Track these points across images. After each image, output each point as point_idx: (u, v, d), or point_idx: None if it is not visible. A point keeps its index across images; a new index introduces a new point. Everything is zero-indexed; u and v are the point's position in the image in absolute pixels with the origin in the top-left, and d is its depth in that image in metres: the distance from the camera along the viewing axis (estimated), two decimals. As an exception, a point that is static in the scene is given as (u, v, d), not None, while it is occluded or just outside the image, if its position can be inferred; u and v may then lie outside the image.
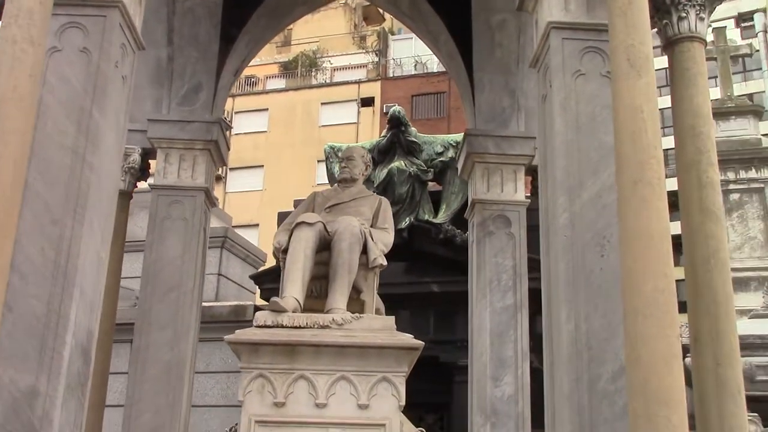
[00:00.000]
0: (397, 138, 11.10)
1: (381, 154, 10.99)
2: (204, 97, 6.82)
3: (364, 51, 34.26)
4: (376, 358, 4.52)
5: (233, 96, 28.40)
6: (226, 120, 7.03)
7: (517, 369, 6.34)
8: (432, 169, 10.88)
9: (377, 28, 34.81)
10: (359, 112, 30.02)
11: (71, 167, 4.00)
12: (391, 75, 31.74)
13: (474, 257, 6.76)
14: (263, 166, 29.51)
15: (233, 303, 10.93)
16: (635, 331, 3.43)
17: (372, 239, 5.21)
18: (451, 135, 11.58)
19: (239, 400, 4.50)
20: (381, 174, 10.67)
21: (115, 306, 6.37)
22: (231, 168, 27.75)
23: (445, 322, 9.57)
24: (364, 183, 5.90)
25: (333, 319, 4.64)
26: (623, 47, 3.87)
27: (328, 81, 32.69)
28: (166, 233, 6.42)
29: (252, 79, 32.99)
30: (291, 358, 4.49)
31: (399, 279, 9.37)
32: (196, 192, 6.57)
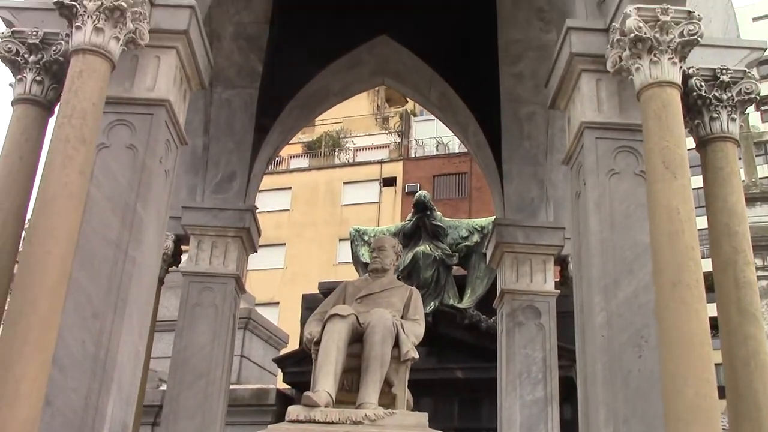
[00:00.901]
0: (423, 222, 11.20)
1: (406, 237, 11.07)
2: (237, 186, 6.96)
3: (386, 132, 34.82)
4: (409, 454, 4.48)
5: (257, 175, 28.74)
6: (256, 207, 7.15)
7: (552, 465, 6.23)
8: (457, 254, 10.93)
9: (400, 109, 35.47)
10: (381, 191, 30.30)
11: (114, 261, 4.07)
12: (413, 155, 32.15)
13: (503, 348, 6.72)
14: (285, 244, 29.69)
15: (255, 386, 10.87)
16: (679, 437, 3.39)
17: (404, 332, 5.22)
18: (476, 219, 11.67)
19: (272, 496, 4.45)
20: (406, 258, 10.71)
21: (144, 391, 6.37)
22: (253, 246, 27.87)
23: (470, 409, 9.46)
24: None
25: (366, 415, 4.62)
26: (658, 149, 3.94)
27: (350, 161, 33.15)
28: (196, 320, 6.46)
29: (276, 159, 33.52)
30: (325, 453, 4.45)
31: (423, 365, 9.30)
32: (227, 279, 6.64)
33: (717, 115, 4.47)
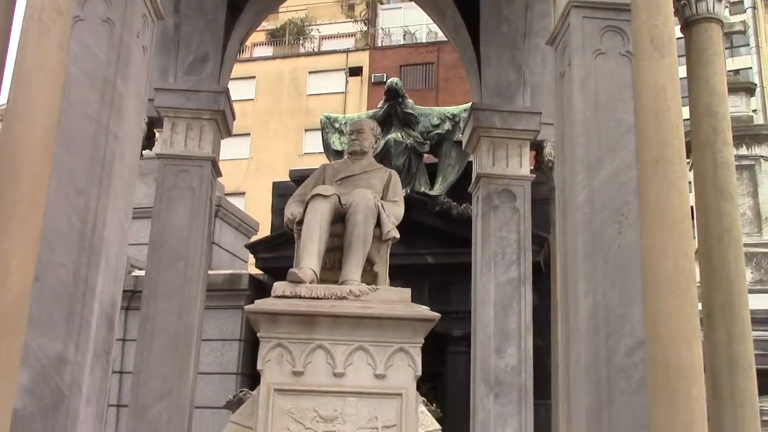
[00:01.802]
0: (394, 110, 11.12)
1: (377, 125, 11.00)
2: (211, 67, 6.81)
3: (352, 20, 34.00)
4: (393, 329, 4.62)
5: (220, 63, 28.04)
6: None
7: (521, 341, 6.47)
8: (428, 142, 10.93)
9: (366, -4, 34.56)
10: (347, 81, 29.86)
11: (95, 138, 4.02)
12: (380, 45, 31.55)
13: (479, 231, 6.84)
14: (250, 134, 29.36)
15: (228, 272, 10.97)
16: (656, 308, 3.53)
17: (385, 212, 5.28)
18: (448, 107, 11.61)
19: (258, 369, 4.58)
20: (378, 145, 10.69)
21: (120, 274, 6.39)
22: (218, 136, 27.51)
23: (440, 293, 9.68)
24: None
25: (350, 291, 4.72)
26: (646, 28, 3.92)
27: (315, 50, 32.45)
28: (173, 202, 6.44)
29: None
30: (309, 328, 4.57)
31: (394, 250, 9.45)
32: (203, 162, 6.59)
33: (704, -5, 4.45)
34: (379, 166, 5.94)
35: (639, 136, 3.82)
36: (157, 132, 7.01)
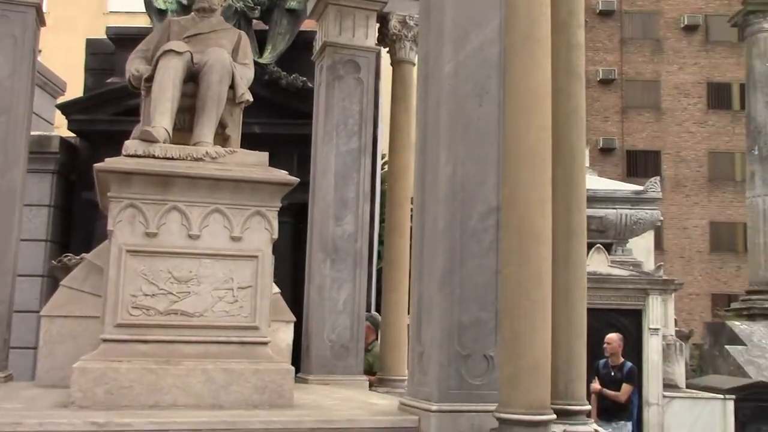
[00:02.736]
0: (222, -31, 10.55)
1: (205, -14, 10.41)
2: None
3: None
4: (250, 192, 4.60)
5: None
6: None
7: (358, 209, 6.67)
8: (259, 7, 10.54)
9: None
10: (156, -65, 27.63)
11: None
12: None
13: (322, 100, 6.83)
14: (45, -15, 26.65)
15: (36, 133, 10.20)
16: (515, 178, 3.80)
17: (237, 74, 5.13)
18: (281, -28, 11.18)
19: (108, 230, 4.41)
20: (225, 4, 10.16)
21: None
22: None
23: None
24: None
25: (207, 152, 4.61)
26: None
27: None
28: (-8, 52, 5.82)
29: None
30: (164, 189, 4.44)
31: (222, 118, 9.25)
32: (26, 8, 5.95)
33: None
34: (229, 26, 5.71)
35: (509, 12, 3.95)
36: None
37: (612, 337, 9.04)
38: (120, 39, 10.09)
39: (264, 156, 4.79)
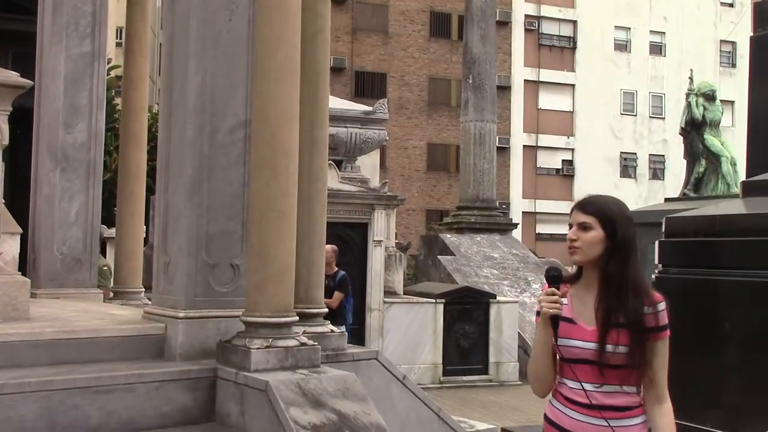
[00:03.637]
0: None
1: None
2: None
3: None
4: (-23, 93, 4.23)
5: None
6: None
7: (92, 117, 6.34)
8: None
9: None
10: None
11: None
12: None
13: (49, -3, 6.31)
14: None
15: None
16: (267, 92, 3.91)
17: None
18: None
19: None
20: None
21: None
22: None
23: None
24: None
25: None
26: None
27: None
28: None
29: None
30: None
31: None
32: None
33: None
34: None
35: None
36: None
37: (326, 248, 9.56)
38: None
39: (-9, 54, 4.41)
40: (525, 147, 36.00)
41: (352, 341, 4.83)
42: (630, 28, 38.28)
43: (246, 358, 3.73)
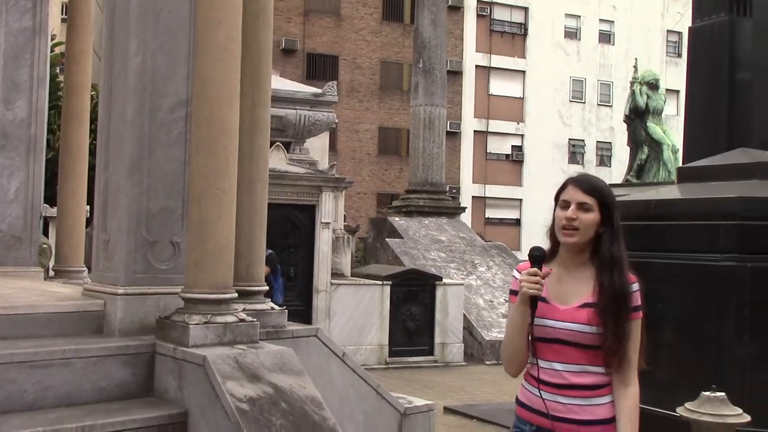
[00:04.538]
0: None
1: None
2: None
3: None
4: None
5: None
6: None
7: (32, 94, 6.27)
8: None
9: None
10: None
11: None
12: None
13: (-14, -31, 6.20)
14: None
15: None
16: (207, 72, 3.93)
17: None
18: None
19: None
20: None
21: None
22: None
23: None
24: None
25: None
26: None
27: None
28: None
29: None
30: None
31: None
32: None
33: None
34: None
35: None
36: None
37: None
38: None
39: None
40: (476, 132, 36.34)
41: (292, 321, 4.89)
42: (580, 16, 38.82)
43: (184, 333, 3.78)
